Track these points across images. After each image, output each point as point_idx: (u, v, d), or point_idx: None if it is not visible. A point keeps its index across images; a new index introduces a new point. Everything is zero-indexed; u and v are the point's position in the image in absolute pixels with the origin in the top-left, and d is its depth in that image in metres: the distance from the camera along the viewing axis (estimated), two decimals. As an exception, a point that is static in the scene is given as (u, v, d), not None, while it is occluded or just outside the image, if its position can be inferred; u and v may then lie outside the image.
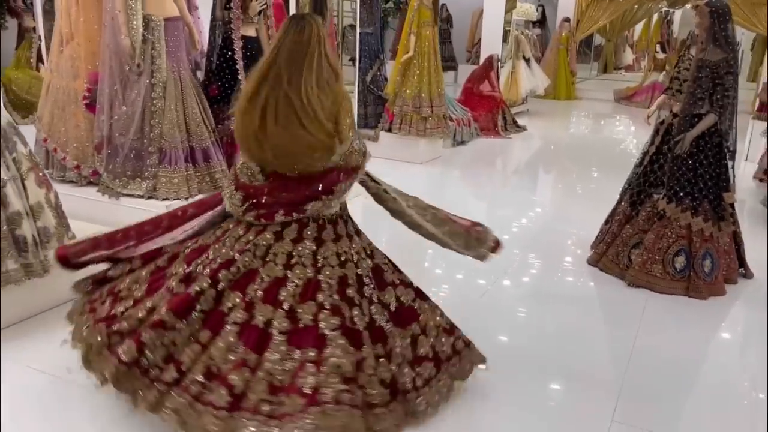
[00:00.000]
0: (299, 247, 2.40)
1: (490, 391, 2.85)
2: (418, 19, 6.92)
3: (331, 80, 2.35)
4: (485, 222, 2.99)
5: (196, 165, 3.85)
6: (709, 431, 2.69)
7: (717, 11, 3.78)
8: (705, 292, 3.85)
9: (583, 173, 7.58)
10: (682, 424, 2.74)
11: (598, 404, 2.78)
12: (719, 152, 3.88)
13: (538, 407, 2.77)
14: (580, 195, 6.61)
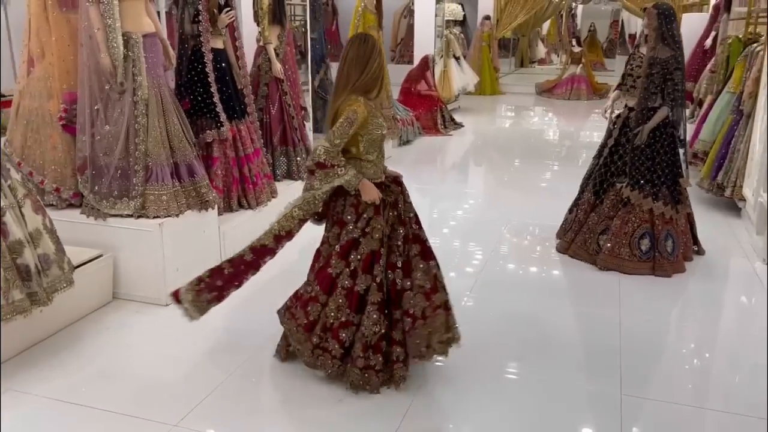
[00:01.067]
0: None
1: (498, 380, 3.05)
2: (364, 24, 7.05)
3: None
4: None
5: (182, 181, 3.82)
6: (712, 393, 3.00)
7: (664, 13, 4.13)
8: (669, 270, 4.21)
9: (513, 163, 8.04)
10: (683, 390, 3.02)
11: (605, 381, 3.03)
12: (672, 141, 4.25)
13: (550, 390, 2.98)
14: (515, 184, 6.96)
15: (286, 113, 5.35)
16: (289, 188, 5.20)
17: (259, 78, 5.25)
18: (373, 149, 2.83)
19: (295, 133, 5.43)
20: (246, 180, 4.53)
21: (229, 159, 4.42)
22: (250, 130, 4.65)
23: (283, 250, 4.68)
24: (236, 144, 4.48)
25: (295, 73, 5.56)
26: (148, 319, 3.60)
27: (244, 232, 4.41)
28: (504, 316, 3.74)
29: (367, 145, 2.81)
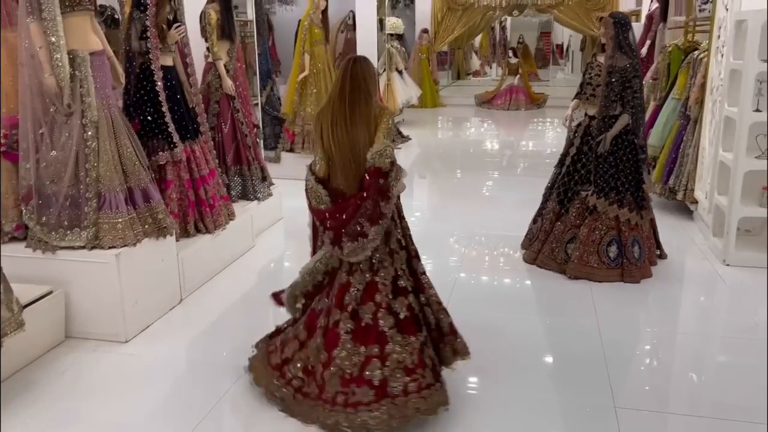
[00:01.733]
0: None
1: (485, 397, 2.95)
2: (310, 38, 6.91)
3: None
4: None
5: (137, 207, 3.56)
6: (708, 401, 2.98)
7: (620, 22, 4.18)
8: (638, 276, 4.24)
9: (456, 174, 8.04)
10: (678, 399, 3.00)
11: (596, 394, 2.97)
12: (634, 148, 4.29)
13: (540, 407, 2.90)
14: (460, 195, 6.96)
15: (239, 131, 5.15)
16: (245, 209, 4.99)
17: (210, 95, 5.04)
18: None
19: (249, 152, 5.23)
20: (202, 203, 4.30)
21: (183, 181, 4.18)
22: (204, 150, 4.43)
23: (242, 274, 4.50)
24: (190, 165, 4.25)
25: (246, 90, 5.36)
26: (107, 358, 3.32)
27: (203, 259, 4.20)
28: (477, 332, 3.63)
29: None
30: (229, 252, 4.61)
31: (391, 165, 2.68)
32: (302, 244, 4.93)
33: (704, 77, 5.33)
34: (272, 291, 3.20)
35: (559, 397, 2.99)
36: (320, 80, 7.00)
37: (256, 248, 4.99)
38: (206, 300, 4.07)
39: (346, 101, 2.73)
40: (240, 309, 4.02)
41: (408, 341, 2.70)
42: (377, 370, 2.63)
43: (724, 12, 4.90)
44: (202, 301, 4.04)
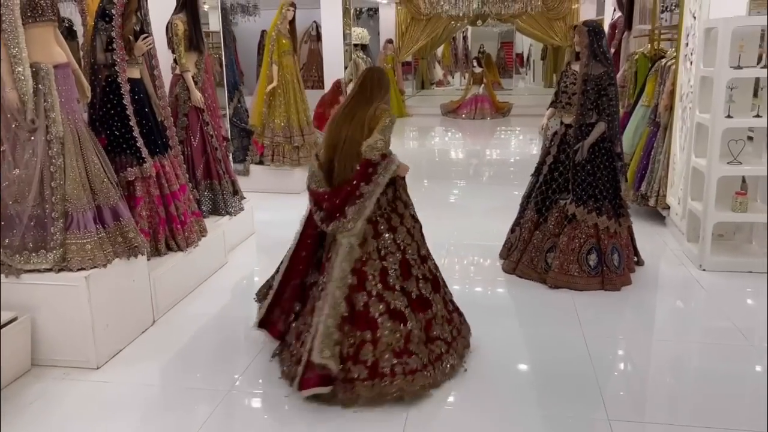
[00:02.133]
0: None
1: (468, 416, 2.88)
2: (278, 49, 6.80)
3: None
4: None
5: (106, 226, 3.40)
6: (697, 408, 2.96)
7: (594, 30, 4.19)
8: (618, 284, 4.23)
9: (423, 183, 8.00)
10: (674, 409, 2.97)
11: (588, 406, 2.93)
12: (611, 156, 4.30)
13: (533, 422, 2.84)
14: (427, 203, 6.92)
15: (208, 144, 5.01)
16: (217, 225, 4.84)
17: (178, 108, 4.89)
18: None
19: (220, 166, 5.09)
20: (173, 219, 4.14)
21: (153, 198, 4.02)
22: (174, 165, 4.28)
23: (215, 292, 4.35)
24: (160, 181, 4.09)
25: (215, 102, 5.23)
26: (78, 387, 3.15)
27: (176, 278, 4.05)
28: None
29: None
30: (202, 270, 4.46)
31: (381, 157, 2.95)
32: (274, 259, 4.84)
33: (673, 84, 5.40)
34: (245, 310, 3.09)
35: (549, 411, 2.93)
36: (289, 91, 6.88)
37: (229, 265, 4.84)
38: (179, 321, 3.91)
39: (349, 103, 3.10)
40: (214, 330, 3.87)
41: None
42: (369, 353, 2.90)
43: (692, 20, 4.97)
44: (175, 323, 3.88)
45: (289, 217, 6.31)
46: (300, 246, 3.26)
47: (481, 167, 9.40)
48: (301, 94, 6.98)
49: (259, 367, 3.30)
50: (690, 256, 4.73)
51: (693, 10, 4.94)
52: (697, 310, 4.10)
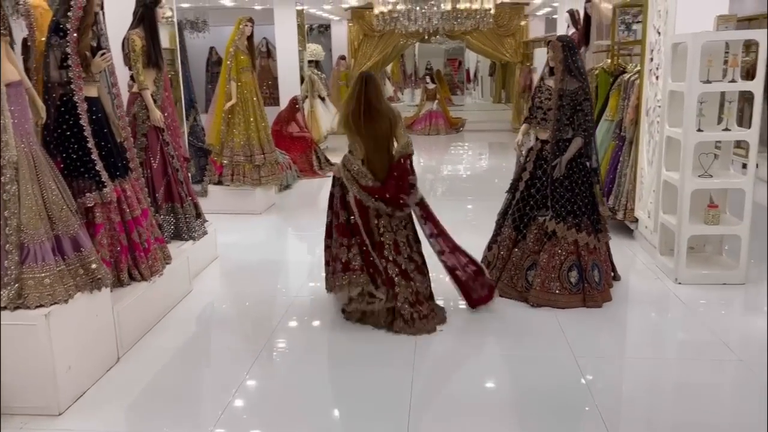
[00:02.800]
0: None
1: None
2: (236, 66, 6.58)
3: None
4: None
5: (66, 258, 3.12)
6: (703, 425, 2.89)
7: (568, 45, 4.16)
8: (599, 300, 4.18)
9: None
10: (673, 427, 2.90)
11: (587, 429, 2.81)
12: (587, 171, 4.26)
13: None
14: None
15: (169, 166, 4.75)
16: (180, 251, 4.58)
17: (136, 128, 4.62)
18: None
19: (182, 188, 4.83)
20: (136, 247, 3.87)
21: (114, 224, 3.75)
22: (135, 189, 4.01)
23: (181, 322, 4.09)
24: (121, 206, 3.83)
25: (175, 121, 4.98)
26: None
27: (140, 310, 3.80)
28: (449, 370, 3.46)
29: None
30: (167, 299, 4.19)
31: (412, 151, 4.03)
32: (239, 285, 4.60)
33: (638, 98, 5.44)
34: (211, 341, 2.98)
35: (552, 438, 2.81)
36: (248, 108, 6.66)
37: (194, 292, 4.58)
38: (145, 356, 3.63)
39: (363, 106, 3.86)
40: (180, 364, 3.62)
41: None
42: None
43: (656, 36, 5.03)
44: (140, 359, 3.61)
45: (252, 238, 6.15)
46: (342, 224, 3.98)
47: (437, 182, 9.33)
48: (260, 111, 6.77)
49: (230, 413, 3.07)
50: (664, 270, 4.73)
51: (657, 26, 5.00)
52: (681, 324, 4.06)
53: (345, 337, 3.86)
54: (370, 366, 3.49)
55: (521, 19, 14.01)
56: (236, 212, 6.69)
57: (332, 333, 3.94)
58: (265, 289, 4.76)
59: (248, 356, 3.60)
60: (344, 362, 3.58)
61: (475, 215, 7.02)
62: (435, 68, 20.06)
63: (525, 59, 13.79)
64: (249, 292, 4.65)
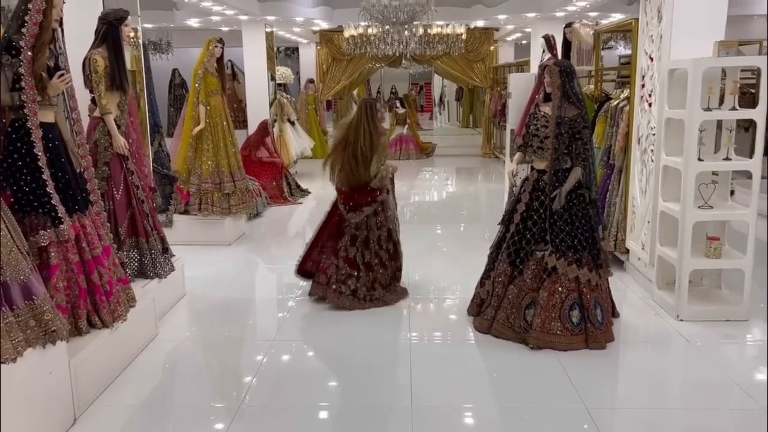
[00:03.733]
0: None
1: None
2: (205, 88, 6.21)
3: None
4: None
5: (15, 308, 2.69)
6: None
7: (566, 70, 3.93)
8: (603, 341, 3.90)
9: None
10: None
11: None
12: (586, 203, 4.01)
13: None
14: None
15: (134, 197, 4.34)
16: (145, 291, 4.16)
17: (97, 156, 4.21)
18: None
19: (147, 221, 4.42)
20: (97, 290, 3.45)
21: (72, 265, 3.33)
22: (96, 224, 3.60)
23: (146, 372, 3.68)
24: (80, 244, 3.41)
25: (140, 148, 4.58)
26: None
27: (100, 362, 3.37)
28: (452, 425, 3.12)
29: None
30: (130, 347, 3.77)
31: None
32: (208, 326, 4.25)
33: (628, 126, 5.26)
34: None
35: None
36: (217, 133, 6.28)
37: (160, 337, 4.15)
38: (106, 415, 3.20)
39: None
40: (145, 421, 3.20)
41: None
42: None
43: (648, 61, 4.86)
44: (101, 418, 3.17)
45: (222, 272, 5.72)
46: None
47: (408, 208, 9.04)
48: (231, 136, 6.39)
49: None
50: (663, 305, 4.50)
51: (649, 52, 4.83)
52: (693, 367, 3.77)
53: (333, 390, 3.49)
54: (361, 426, 3.13)
55: (491, 44, 13.97)
56: (204, 243, 6.27)
57: (317, 385, 3.57)
58: (238, 331, 4.36)
59: (222, 415, 3.20)
60: (331, 425, 3.21)
61: (445, 241, 6.75)
62: (405, 93, 19.96)
63: (494, 84, 13.72)
64: (220, 336, 4.24)
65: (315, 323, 4.41)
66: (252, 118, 9.57)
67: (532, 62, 9.83)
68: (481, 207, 9.38)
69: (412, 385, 3.45)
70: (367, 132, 4.54)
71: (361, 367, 3.76)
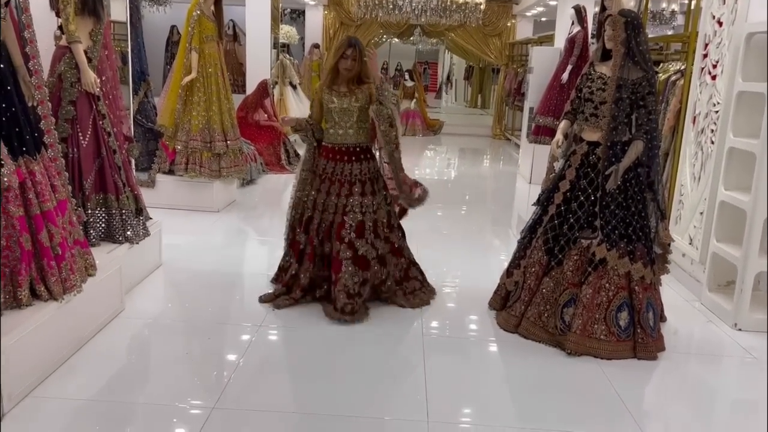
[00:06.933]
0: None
1: None
2: (199, 33, 5.48)
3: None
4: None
5: None
6: None
7: (632, 22, 3.24)
8: (654, 350, 3.27)
9: None
10: None
11: None
12: (643, 184, 3.35)
13: None
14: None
15: (104, 145, 3.64)
16: (111, 258, 3.48)
17: (62, 93, 3.50)
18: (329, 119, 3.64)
19: (119, 175, 3.73)
20: (45, 252, 2.77)
21: (13, 220, 2.65)
22: (50, 172, 2.90)
23: (103, 356, 3.04)
24: (26, 195, 2.72)
25: (116, 89, 3.87)
26: None
27: (42, 343, 2.69)
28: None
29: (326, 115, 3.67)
30: (85, 325, 3.10)
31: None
32: (185, 304, 3.67)
33: (681, 102, 4.59)
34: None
35: None
36: (211, 85, 5.57)
37: (126, 313, 3.49)
38: (41, 413, 2.54)
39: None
40: (92, 422, 2.53)
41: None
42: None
43: (715, 27, 4.17)
44: (34, 416, 2.51)
45: (206, 242, 5.03)
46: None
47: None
48: (225, 90, 5.68)
49: None
50: (717, 311, 3.87)
51: (718, 15, 4.14)
52: (763, 389, 3.15)
53: (326, 385, 2.84)
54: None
55: (509, 18, 13.19)
56: (189, 208, 5.60)
57: (308, 385, 2.92)
58: (220, 313, 3.70)
59: (193, 418, 2.55)
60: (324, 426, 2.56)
61: (447, 223, 6.11)
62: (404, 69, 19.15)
63: (510, 61, 12.99)
64: (199, 318, 3.57)
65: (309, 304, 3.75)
66: (251, 78, 8.83)
67: (557, 36, 9.10)
68: (486, 188, 8.75)
69: (428, 399, 2.80)
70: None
71: (360, 357, 3.12)
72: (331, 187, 3.63)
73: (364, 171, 3.65)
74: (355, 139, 3.64)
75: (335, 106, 3.57)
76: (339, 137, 3.62)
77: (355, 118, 3.59)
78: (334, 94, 3.59)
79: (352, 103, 3.56)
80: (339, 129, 3.61)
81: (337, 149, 3.64)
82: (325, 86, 3.63)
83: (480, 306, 3.82)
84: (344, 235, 3.54)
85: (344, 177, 3.62)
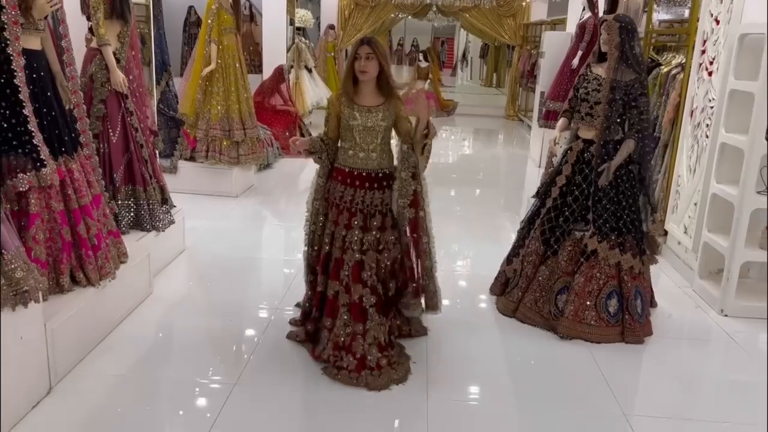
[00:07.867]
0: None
1: None
2: (218, 25, 5.72)
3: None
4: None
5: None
6: None
7: (626, 27, 3.44)
8: (641, 335, 3.52)
9: None
10: None
11: None
12: (634, 180, 3.57)
13: None
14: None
15: (132, 141, 3.93)
16: (140, 245, 3.79)
17: (93, 93, 3.79)
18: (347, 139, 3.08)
19: (146, 168, 4.02)
20: (83, 243, 3.07)
21: (55, 214, 2.95)
22: (86, 169, 3.20)
23: (135, 336, 3.36)
24: (66, 191, 3.02)
25: (142, 86, 4.14)
26: None
27: (83, 324, 3.00)
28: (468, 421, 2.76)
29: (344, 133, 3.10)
30: (119, 308, 3.41)
31: None
32: (208, 287, 3.92)
33: (680, 96, 4.77)
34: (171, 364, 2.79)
35: None
36: (229, 75, 5.82)
37: (153, 297, 3.80)
38: (86, 386, 2.86)
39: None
40: (129, 397, 2.85)
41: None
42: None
43: (713, 25, 4.33)
44: (79, 389, 2.84)
45: (226, 227, 5.34)
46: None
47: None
48: (243, 80, 5.93)
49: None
50: (706, 298, 4.10)
51: (716, 13, 4.29)
52: (743, 372, 3.36)
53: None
54: (372, 416, 2.78)
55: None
56: (209, 194, 5.89)
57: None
58: (240, 294, 4.00)
59: (216, 393, 2.86)
60: (339, 410, 2.86)
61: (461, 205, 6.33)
62: (429, 46, 19.17)
63: (524, 42, 13.05)
64: (221, 299, 3.88)
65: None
66: (268, 63, 9.05)
67: (569, 21, 9.20)
68: (499, 170, 8.94)
69: (428, 382, 3.08)
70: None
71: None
72: (352, 219, 3.06)
73: (386, 201, 3.11)
74: (378, 164, 3.07)
75: (358, 124, 3.01)
76: (360, 161, 3.05)
77: (379, 140, 3.06)
78: (356, 108, 3.03)
79: (378, 122, 3.04)
80: (360, 152, 3.04)
81: (356, 173, 3.05)
82: (344, 98, 3.06)
83: (483, 291, 4.07)
84: (366, 279, 3.05)
85: (364, 207, 3.07)
